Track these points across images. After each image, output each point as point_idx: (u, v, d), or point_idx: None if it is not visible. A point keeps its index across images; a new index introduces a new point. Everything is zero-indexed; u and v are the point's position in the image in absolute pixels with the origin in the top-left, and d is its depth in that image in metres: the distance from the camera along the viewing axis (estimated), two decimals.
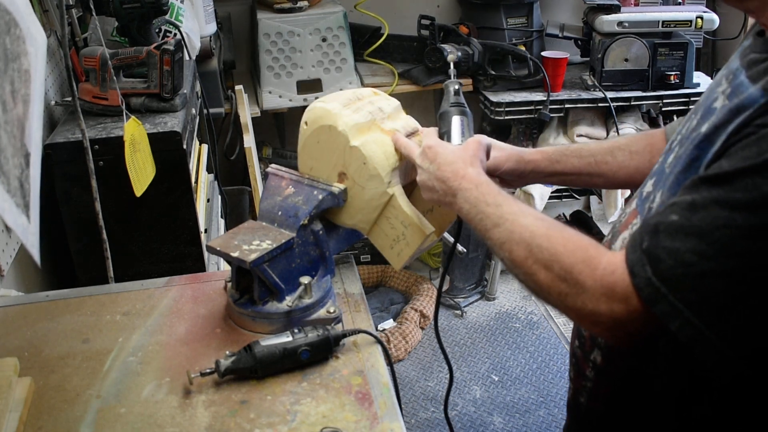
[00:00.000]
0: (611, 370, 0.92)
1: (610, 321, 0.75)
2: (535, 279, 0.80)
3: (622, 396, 0.92)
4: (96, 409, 0.85)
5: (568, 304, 0.78)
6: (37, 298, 1.09)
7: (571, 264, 0.77)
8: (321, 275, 1.03)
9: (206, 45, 2.15)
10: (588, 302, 0.76)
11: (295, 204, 1.01)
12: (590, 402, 0.97)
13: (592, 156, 1.09)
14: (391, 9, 2.77)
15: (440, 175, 0.94)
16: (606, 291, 0.75)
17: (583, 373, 0.97)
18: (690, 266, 0.69)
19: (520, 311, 2.87)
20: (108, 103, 1.43)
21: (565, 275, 0.77)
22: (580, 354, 0.98)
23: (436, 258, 3.05)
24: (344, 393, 0.86)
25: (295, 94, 2.52)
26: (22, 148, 0.71)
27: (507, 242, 0.83)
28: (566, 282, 0.77)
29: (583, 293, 0.76)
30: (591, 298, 0.76)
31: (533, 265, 0.80)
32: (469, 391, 2.44)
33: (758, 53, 0.80)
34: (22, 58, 0.74)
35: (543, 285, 0.80)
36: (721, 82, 0.85)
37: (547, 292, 0.80)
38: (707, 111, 0.84)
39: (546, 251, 0.79)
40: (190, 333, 0.99)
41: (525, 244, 0.81)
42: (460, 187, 0.91)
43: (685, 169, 0.81)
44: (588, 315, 0.77)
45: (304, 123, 1.04)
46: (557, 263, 0.78)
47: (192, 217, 1.45)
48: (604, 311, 0.75)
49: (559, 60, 2.52)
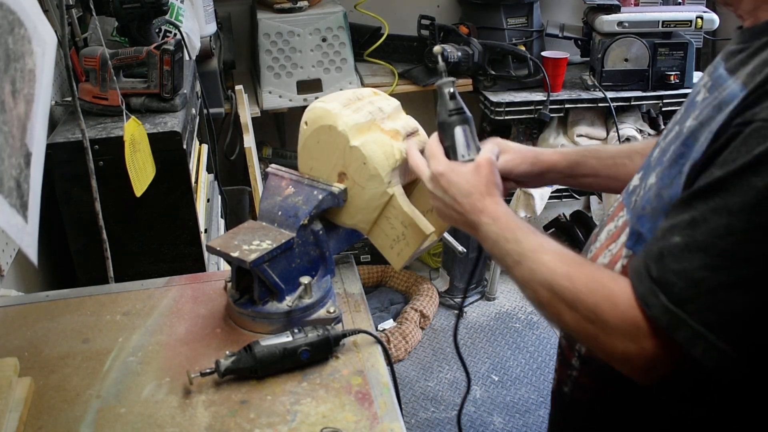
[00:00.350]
0: (596, 359, 0.92)
1: (642, 360, 0.73)
2: (563, 321, 0.78)
3: (606, 385, 0.92)
4: (96, 409, 0.85)
5: (599, 347, 0.76)
6: (37, 298, 1.09)
7: (594, 303, 0.75)
8: (321, 275, 1.03)
9: (206, 45, 2.15)
10: (618, 343, 0.74)
11: (295, 204, 1.01)
12: (574, 392, 0.97)
13: (611, 158, 1.07)
14: (391, 9, 2.77)
15: (458, 208, 0.92)
16: (632, 327, 0.73)
17: (568, 362, 0.97)
18: (701, 283, 0.67)
19: (520, 311, 2.87)
20: (108, 103, 1.43)
21: (591, 316, 0.75)
22: (566, 344, 0.99)
23: (436, 258, 3.05)
24: (344, 393, 0.86)
25: (295, 94, 2.52)
26: (22, 148, 0.71)
27: (530, 282, 0.81)
28: (593, 323, 0.75)
29: (611, 333, 0.74)
30: (619, 337, 0.73)
31: (558, 305, 0.78)
32: (470, 392, 2.44)
33: (735, 44, 0.80)
34: (26, 58, 0.74)
35: (572, 327, 0.77)
36: (703, 76, 0.86)
37: (577, 334, 0.78)
38: (690, 104, 0.84)
39: (569, 292, 0.77)
40: (190, 333, 0.99)
41: (548, 284, 0.79)
42: (480, 221, 0.89)
43: (670, 164, 0.80)
44: (620, 357, 0.74)
45: (304, 123, 1.04)
46: (581, 304, 0.76)
47: (192, 217, 1.45)
48: (633, 351, 0.73)
49: (559, 60, 2.52)
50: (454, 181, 0.92)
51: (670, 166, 0.80)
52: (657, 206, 0.80)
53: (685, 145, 0.78)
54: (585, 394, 0.96)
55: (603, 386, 0.93)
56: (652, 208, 0.81)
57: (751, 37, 0.77)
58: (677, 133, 0.83)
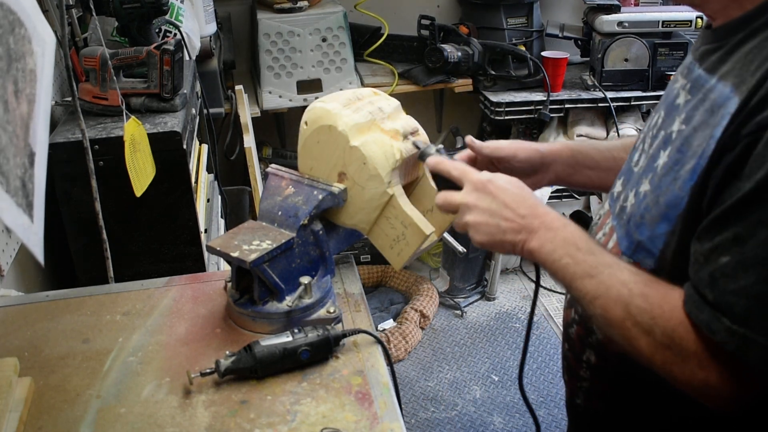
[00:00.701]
0: (607, 366, 0.92)
1: (724, 389, 0.70)
2: (635, 345, 0.74)
3: (621, 392, 0.92)
4: (96, 409, 0.85)
5: (677, 375, 0.72)
6: (37, 298, 1.09)
7: (672, 328, 0.72)
8: (321, 275, 1.03)
9: (206, 45, 2.15)
10: (697, 371, 0.71)
11: (295, 204, 1.01)
12: (587, 402, 0.97)
13: (608, 150, 1.06)
14: (391, 9, 2.77)
15: (509, 215, 0.84)
16: (710, 354, 0.70)
17: (576, 374, 0.97)
18: (765, 297, 0.66)
19: (520, 311, 2.87)
20: (108, 103, 1.43)
21: (667, 341, 0.72)
22: (571, 356, 0.98)
23: (436, 258, 3.04)
24: (344, 393, 0.86)
25: (295, 94, 2.52)
26: (26, 147, 0.71)
27: (601, 298, 0.76)
28: (670, 349, 0.72)
29: (689, 360, 0.71)
30: (698, 364, 0.71)
31: (632, 328, 0.74)
32: (469, 391, 2.44)
33: (709, 44, 0.81)
34: (27, 58, 0.74)
35: (645, 352, 0.74)
36: (677, 78, 0.86)
37: (650, 361, 0.74)
38: (671, 108, 0.84)
39: (646, 314, 0.73)
40: (190, 333, 0.99)
41: (623, 303, 0.74)
42: (543, 224, 0.83)
43: (665, 172, 0.79)
44: (701, 386, 0.71)
45: (304, 123, 1.04)
46: (658, 327, 0.72)
47: (192, 217, 1.45)
48: (714, 380, 0.70)
49: (559, 60, 2.52)
50: (505, 187, 0.86)
51: (665, 173, 0.79)
52: (655, 214, 0.80)
53: (680, 152, 0.78)
54: (599, 403, 0.95)
55: (616, 393, 0.92)
56: (651, 216, 0.80)
57: (725, 34, 0.77)
58: (664, 139, 0.82)
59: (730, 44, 0.76)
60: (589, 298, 0.77)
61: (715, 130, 0.72)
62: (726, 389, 0.70)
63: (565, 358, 1.01)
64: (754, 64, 0.71)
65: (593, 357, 0.93)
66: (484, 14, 2.65)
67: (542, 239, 0.82)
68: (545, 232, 0.82)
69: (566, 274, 0.80)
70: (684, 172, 0.76)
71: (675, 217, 0.77)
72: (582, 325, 0.95)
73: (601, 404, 0.95)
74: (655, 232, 0.79)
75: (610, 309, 0.75)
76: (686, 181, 0.76)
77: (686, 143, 0.77)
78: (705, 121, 0.75)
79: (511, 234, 0.84)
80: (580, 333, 0.95)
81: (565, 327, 1.01)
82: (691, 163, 0.75)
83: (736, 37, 0.75)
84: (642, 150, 0.89)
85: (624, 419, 0.94)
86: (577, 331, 0.96)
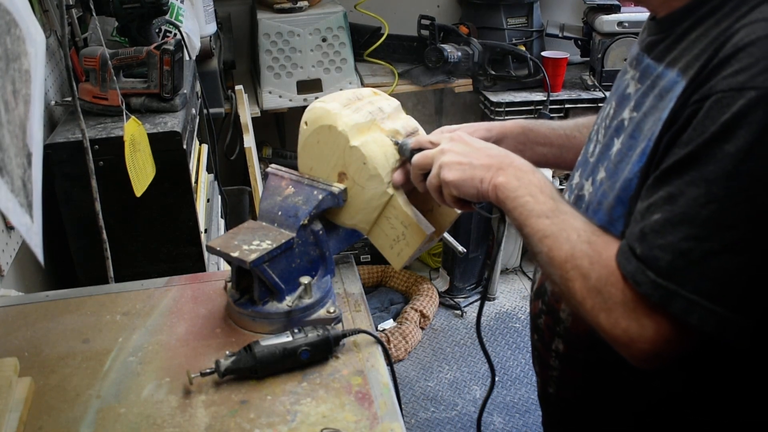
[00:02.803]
0: (575, 354, 0.93)
1: (643, 341, 0.71)
2: (570, 287, 0.77)
3: (589, 379, 0.93)
4: (96, 409, 0.85)
5: (601, 322, 0.74)
6: (37, 298, 1.09)
7: (606, 275, 0.74)
8: (321, 275, 1.03)
9: (206, 45, 2.16)
10: (621, 320, 0.72)
11: (295, 204, 1.01)
12: (559, 391, 0.98)
13: (561, 128, 1.09)
14: (391, 9, 2.77)
15: (484, 153, 0.88)
16: (633, 304, 0.72)
17: (547, 364, 0.98)
18: (688, 253, 0.68)
19: (520, 311, 2.87)
20: (108, 103, 1.43)
21: (600, 287, 0.74)
22: (541, 346, 0.99)
23: (436, 258, 3.05)
24: (344, 393, 0.86)
25: (295, 94, 2.52)
26: (24, 148, 0.71)
27: (551, 238, 0.78)
28: (600, 295, 0.74)
29: (614, 309, 0.73)
30: (622, 314, 0.72)
31: (571, 270, 0.76)
32: (469, 391, 2.44)
33: (655, 35, 0.84)
34: (22, 58, 0.74)
35: (578, 296, 0.76)
36: (627, 70, 0.89)
37: (580, 304, 0.76)
38: (622, 98, 0.87)
39: (587, 258, 0.76)
40: (190, 333, 0.99)
41: (569, 245, 0.77)
42: (512, 165, 0.86)
43: (620, 159, 0.82)
44: (622, 336, 0.73)
45: (304, 123, 1.04)
46: (594, 272, 0.75)
47: (192, 217, 1.45)
48: (635, 330, 0.72)
49: (559, 60, 2.52)
50: (477, 138, 0.93)
51: (620, 160, 0.82)
52: (611, 198, 0.83)
53: (632, 138, 0.81)
54: (569, 391, 0.97)
55: (585, 381, 0.94)
56: (608, 201, 0.83)
57: (670, 25, 0.80)
58: (617, 127, 0.85)
59: (676, 33, 0.79)
60: (539, 236, 0.80)
61: (663, 113, 0.75)
62: (645, 341, 0.72)
63: (535, 348, 1.02)
64: (698, 47, 0.74)
65: (561, 345, 0.94)
66: (484, 14, 2.65)
67: (509, 176, 0.85)
68: (514, 171, 0.85)
69: (524, 211, 0.82)
70: (634, 155, 0.79)
71: (627, 199, 0.80)
72: (550, 315, 0.96)
73: (572, 392, 0.96)
74: (612, 216, 0.82)
75: (556, 249, 0.77)
76: (635, 164, 0.79)
77: (638, 128, 0.80)
78: (654, 105, 0.78)
79: (482, 170, 0.87)
80: (548, 323, 0.97)
81: (533, 318, 1.02)
82: (641, 146, 0.78)
83: (681, 26, 0.78)
84: (596, 141, 0.92)
85: (594, 407, 0.95)
86: (545, 321, 0.98)
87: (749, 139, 0.65)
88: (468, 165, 0.88)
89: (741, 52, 0.68)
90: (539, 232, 0.80)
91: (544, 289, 0.98)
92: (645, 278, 0.71)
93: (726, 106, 0.66)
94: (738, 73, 0.67)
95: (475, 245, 2.78)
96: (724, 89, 0.67)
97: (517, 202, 0.83)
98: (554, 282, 0.80)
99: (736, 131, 0.65)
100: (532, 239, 0.81)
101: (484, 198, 0.87)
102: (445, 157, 0.91)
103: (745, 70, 0.66)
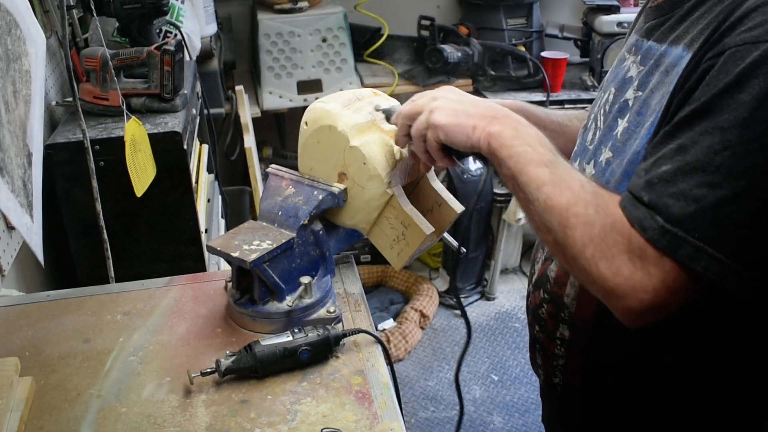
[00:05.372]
0: (581, 339, 0.93)
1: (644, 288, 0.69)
2: (569, 234, 0.74)
3: (595, 362, 0.93)
4: (97, 409, 0.85)
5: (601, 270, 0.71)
6: (38, 298, 1.09)
7: (611, 223, 0.72)
8: (321, 275, 1.03)
9: (207, 45, 2.16)
10: (623, 267, 0.70)
11: (295, 204, 1.01)
12: (565, 379, 0.98)
13: (554, 115, 1.10)
14: (391, 9, 2.77)
15: (480, 103, 0.85)
16: (639, 251, 0.70)
17: (551, 354, 0.98)
18: (702, 200, 0.67)
19: (520, 311, 2.88)
20: (109, 103, 1.43)
21: (603, 235, 0.72)
22: (544, 337, 0.99)
23: (436, 258, 3.05)
24: (344, 393, 0.86)
25: (296, 94, 2.52)
26: (25, 148, 0.71)
27: (550, 185, 0.76)
28: (604, 243, 0.71)
29: (619, 257, 0.71)
30: (627, 261, 0.70)
31: (572, 218, 0.73)
32: (469, 391, 2.45)
33: (655, 19, 0.84)
34: (23, 59, 0.74)
35: (577, 244, 0.73)
36: (624, 57, 0.90)
37: (579, 253, 0.73)
38: (623, 82, 0.87)
39: (591, 206, 0.73)
40: (191, 333, 0.99)
41: (572, 193, 0.74)
42: (509, 116, 0.83)
43: (628, 137, 0.82)
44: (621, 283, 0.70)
45: (304, 123, 1.04)
46: (599, 220, 0.72)
47: (192, 217, 1.45)
48: (638, 277, 0.70)
49: (558, 60, 2.52)
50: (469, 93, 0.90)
51: (627, 138, 0.82)
52: (619, 174, 0.82)
53: (639, 114, 0.81)
54: (576, 377, 0.97)
55: (591, 365, 0.94)
56: (615, 179, 0.83)
57: (670, 8, 0.82)
58: (620, 108, 0.85)
59: (678, 15, 0.79)
60: (537, 184, 0.76)
61: (670, 86, 0.76)
62: (647, 290, 0.70)
63: (536, 341, 1.02)
64: (703, 23, 0.74)
65: (567, 332, 0.95)
66: (483, 15, 2.65)
67: (505, 126, 0.82)
68: (511, 122, 0.82)
69: (521, 159, 0.78)
70: (643, 130, 0.79)
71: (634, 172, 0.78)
72: (553, 302, 0.96)
73: (579, 378, 0.96)
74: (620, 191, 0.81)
75: (556, 196, 0.75)
76: (643, 137, 0.79)
77: (645, 105, 0.80)
78: (661, 81, 0.78)
79: (476, 118, 0.83)
80: (551, 311, 0.97)
81: (533, 310, 1.02)
82: (650, 120, 0.78)
83: (683, 8, 0.79)
84: (595, 128, 0.92)
85: (602, 390, 0.95)
86: (548, 309, 0.98)
87: (764, 87, 0.65)
88: (462, 111, 0.85)
89: (754, 12, 0.69)
90: (537, 180, 0.77)
91: (546, 278, 0.98)
92: (653, 224, 0.69)
93: (740, 59, 0.67)
94: (752, 29, 0.68)
95: (475, 245, 2.79)
96: (738, 44, 0.68)
97: (513, 151, 0.79)
98: (549, 230, 0.76)
99: (751, 80, 0.66)
100: (528, 187, 0.77)
101: (474, 147, 0.84)
102: (437, 102, 0.87)
103: (759, 26, 0.67)
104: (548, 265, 0.98)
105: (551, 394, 1.04)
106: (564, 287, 0.94)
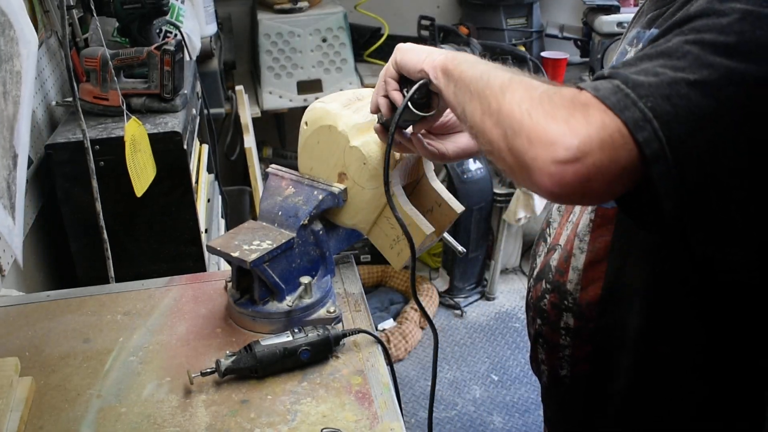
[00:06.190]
0: (586, 325, 0.93)
1: (574, 134, 0.64)
2: (507, 96, 0.70)
3: (602, 347, 0.93)
4: (96, 409, 0.85)
5: (533, 121, 0.66)
6: (38, 298, 1.09)
7: (560, 88, 0.69)
8: (321, 275, 1.03)
9: (207, 45, 2.16)
10: (561, 111, 0.66)
11: (296, 204, 1.01)
12: (574, 369, 0.98)
13: None
14: (391, 9, 2.77)
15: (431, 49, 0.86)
16: (580, 104, 0.66)
17: (557, 345, 0.98)
18: (662, 75, 0.65)
19: (520, 311, 2.88)
20: (109, 103, 1.44)
21: (551, 94, 0.68)
22: (547, 329, 0.99)
23: (436, 258, 3.05)
24: (344, 393, 0.86)
25: (296, 94, 2.52)
26: (11, 149, 0.71)
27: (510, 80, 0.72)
28: (551, 101, 0.68)
29: (561, 108, 0.66)
30: (568, 109, 0.66)
31: (515, 83, 0.71)
32: (469, 391, 2.45)
33: (655, 10, 0.84)
34: (14, 60, 0.74)
35: (515, 100, 0.69)
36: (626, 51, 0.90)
37: (513, 108, 0.69)
38: None
39: (545, 85, 0.71)
40: (191, 333, 0.99)
41: (530, 83, 0.71)
42: (470, 57, 0.82)
43: None
44: (554, 129, 0.65)
45: (304, 123, 1.04)
46: (546, 87, 0.70)
47: (192, 217, 1.45)
48: (575, 122, 0.64)
49: (558, 60, 2.52)
50: None
51: None
52: None
53: None
54: (584, 365, 0.96)
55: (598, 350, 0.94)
56: None
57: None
58: None
59: (678, 4, 0.78)
60: (498, 83, 0.73)
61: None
62: (577, 134, 0.64)
63: (539, 335, 1.01)
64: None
65: (571, 320, 0.94)
66: (484, 15, 2.66)
67: (462, 57, 0.81)
68: (470, 57, 0.82)
69: (476, 72, 0.76)
70: None
71: None
72: (555, 291, 0.96)
73: (587, 367, 0.96)
74: None
75: (513, 89, 0.71)
76: None
77: None
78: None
79: (435, 53, 0.84)
80: (554, 301, 0.97)
81: (534, 304, 1.02)
82: None
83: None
84: None
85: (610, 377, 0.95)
86: (550, 299, 0.97)
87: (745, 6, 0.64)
88: (424, 50, 0.85)
89: None
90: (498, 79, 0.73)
91: (548, 268, 0.98)
92: (608, 84, 0.67)
93: None
94: None
95: (474, 245, 2.79)
96: None
97: (467, 66, 0.78)
98: (488, 107, 0.72)
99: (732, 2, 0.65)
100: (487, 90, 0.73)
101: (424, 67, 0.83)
102: (404, 45, 0.89)
103: None
104: (551, 255, 0.98)
105: (558, 390, 1.04)
106: (566, 274, 0.94)
